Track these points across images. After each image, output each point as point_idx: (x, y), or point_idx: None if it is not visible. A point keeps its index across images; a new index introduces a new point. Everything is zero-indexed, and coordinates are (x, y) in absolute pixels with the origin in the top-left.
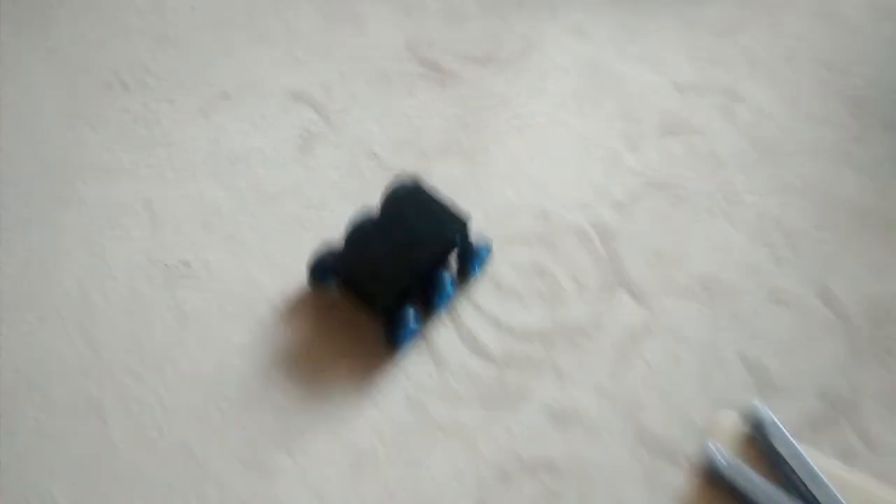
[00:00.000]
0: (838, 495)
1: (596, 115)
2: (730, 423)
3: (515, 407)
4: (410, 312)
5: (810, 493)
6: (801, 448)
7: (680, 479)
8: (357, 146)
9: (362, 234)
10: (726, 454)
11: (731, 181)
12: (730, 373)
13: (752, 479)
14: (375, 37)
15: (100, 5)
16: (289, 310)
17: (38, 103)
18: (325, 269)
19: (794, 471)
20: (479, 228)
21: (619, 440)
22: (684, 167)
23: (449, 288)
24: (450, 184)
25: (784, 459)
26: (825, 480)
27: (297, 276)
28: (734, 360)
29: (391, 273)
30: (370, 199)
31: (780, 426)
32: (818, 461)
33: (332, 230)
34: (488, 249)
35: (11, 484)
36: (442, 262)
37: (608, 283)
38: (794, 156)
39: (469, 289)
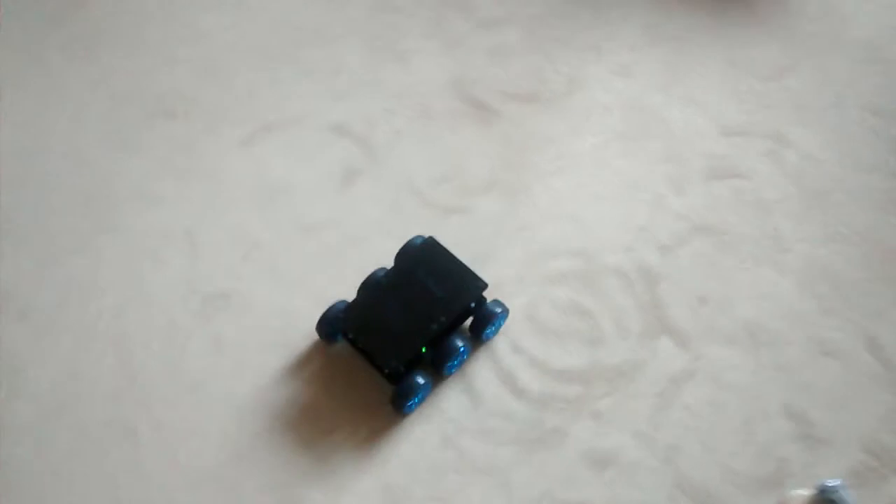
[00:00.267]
0: None
1: (640, 157)
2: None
3: (552, 448)
4: (419, 380)
5: None
6: None
7: None
8: (399, 181)
9: (375, 293)
10: None
11: (778, 227)
12: (773, 423)
13: None
14: (420, 73)
15: (146, 36)
16: (325, 343)
17: (84, 131)
18: (335, 328)
19: None
20: (518, 269)
21: (657, 485)
22: (730, 212)
23: (462, 354)
24: (491, 221)
25: None
26: None
27: (334, 302)
28: (778, 410)
29: (402, 338)
30: (411, 234)
31: None
32: None
33: (372, 265)
34: (505, 315)
35: None
36: (456, 327)
37: (650, 327)
38: (842, 204)
39: (491, 343)
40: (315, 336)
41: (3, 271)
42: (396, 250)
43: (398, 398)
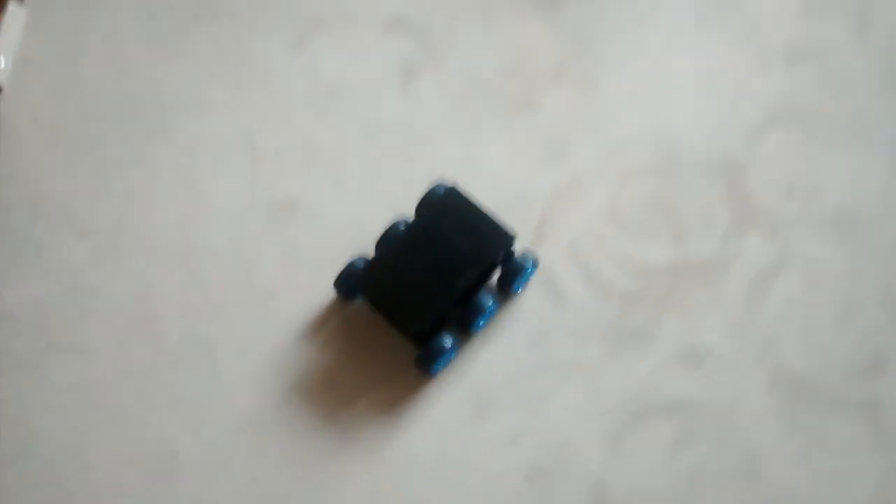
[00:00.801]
0: None
1: (718, 41)
2: None
3: (643, 346)
4: (447, 339)
5: None
6: None
7: (820, 418)
8: (461, 76)
9: (395, 249)
10: None
11: (866, 108)
12: (871, 311)
13: None
14: None
15: None
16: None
17: (124, 37)
18: (353, 286)
19: None
20: (595, 163)
21: (752, 379)
22: (815, 94)
23: (490, 311)
24: (563, 114)
25: None
26: None
27: (404, 211)
28: (876, 298)
29: (426, 297)
30: (477, 133)
31: None
32: None
33: (439, 165)
34: (534, 266)
35: (129, 426)
36: (483, 282)
37: (737, 218)
38: None
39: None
40: None
41: (58, 187)
42: (462, 153)
43: (424, 361)
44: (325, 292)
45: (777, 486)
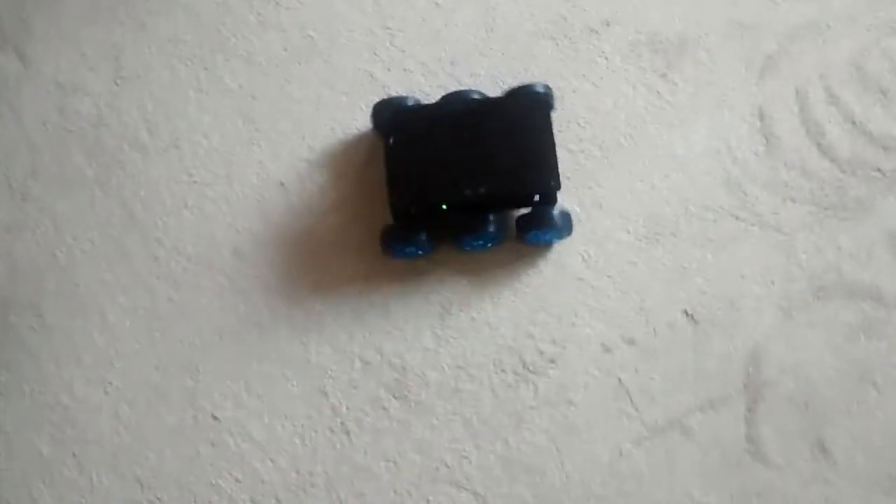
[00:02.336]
0: None
1: None
2: None
3: (851, 219)
4: (417, 242)
5: None
6: None
7: None
8: None
9: (438, 116)
10: None
11: None
12: None
13: None
14: None
15: None
16: (608, 35)
17: None
18: (386, 125)
19: None
20: (852, 9)
21: None
22: None
23: (488, 239)
24: None
25: None
26: None
27: (627, 3)
28: None
29: (428, 183)
30: None
31: None
32: None
33: None
34: (562, 234)
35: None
36: (499, 208)
37: None
38: None
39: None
40: None
41: None
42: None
43: (388, 239)
44: None
45: None
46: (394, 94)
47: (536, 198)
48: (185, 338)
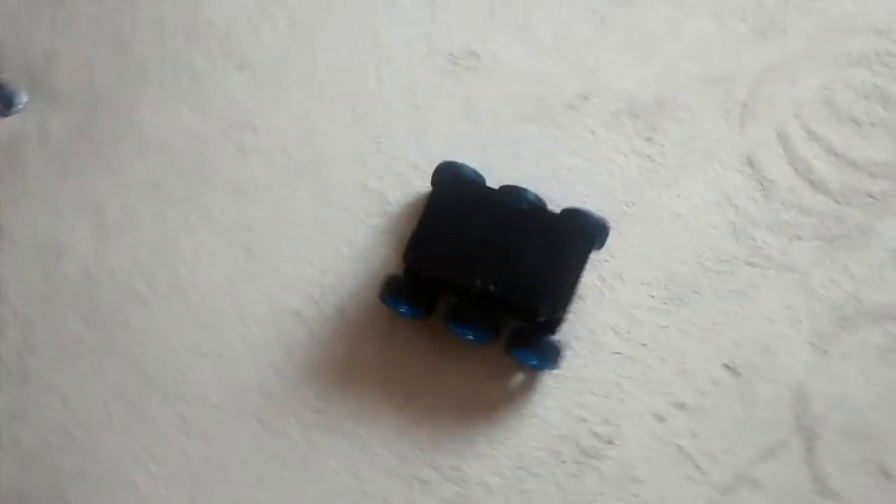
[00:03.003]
0: None
1: None
2: None
3: (856, 247)
4: (401, 304)
5: None
6: None
7: None
8: None
9: (477, 195)
10: None
11: None
12: None
13: None
14: None
15: None
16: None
17: None
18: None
19: None
20: (811, 46)
21: None
22: None
23: (469, 334)
24: None
25: None
26: None
27: (599, 75)
28: None
29: (440, 251)
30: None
31: None
32: None
33: (636, 32)
34: (550, 364)
35: (282, 272)
36: (501, 310)
37: None
38: None
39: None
40: (575, 102)
41: (214, 14)
42: (665, 19)
43: (390, 290)
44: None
45: None
46: (392, 200)
47: (541, 318)
48: (229, 494)
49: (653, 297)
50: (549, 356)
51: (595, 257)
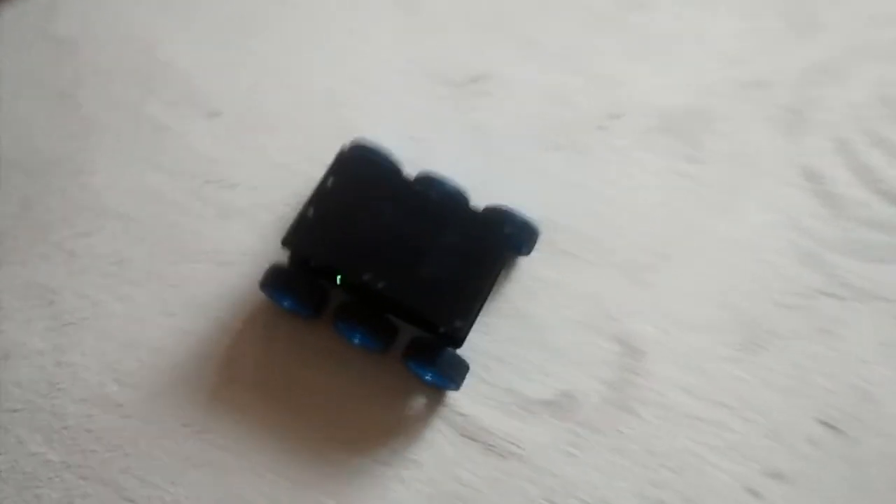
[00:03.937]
0: None
1: None
2: None
3: None
4: (285, 296)
5: None
6: None
7: None
8: None
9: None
10: None
11: None
12: None
13: None
14: None
15: None
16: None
17: None
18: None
19: None
20: (855, 39)
21: None
22: None
23: (362, 337)
24: None
25: None
26: None
27: (611, 93)
28: None
29: (341, 245)
30: None
31: None
32: None
33: (652, 36)
34: (451, 386)
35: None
36: (400, 314)
37: None
38: None
39: None
40: (604, 124)
41: (174, 54)
42: (687, 19)
43: (272, 280)
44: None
45: None
46: None
47: (441, 329)
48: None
49: (724, 344)
50: (449, 374)
51: (649, 305)
